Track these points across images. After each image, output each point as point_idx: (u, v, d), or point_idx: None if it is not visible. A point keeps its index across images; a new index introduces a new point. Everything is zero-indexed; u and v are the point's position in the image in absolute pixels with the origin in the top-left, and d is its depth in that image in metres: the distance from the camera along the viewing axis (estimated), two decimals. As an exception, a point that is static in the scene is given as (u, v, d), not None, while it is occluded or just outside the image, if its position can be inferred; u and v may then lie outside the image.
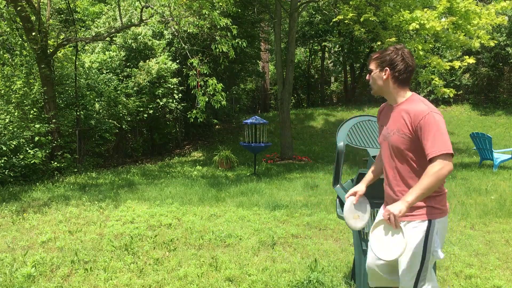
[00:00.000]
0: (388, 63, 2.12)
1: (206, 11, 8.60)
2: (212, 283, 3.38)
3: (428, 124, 1.97)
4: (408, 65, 2.11)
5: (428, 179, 1.91)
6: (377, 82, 2.16)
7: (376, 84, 2.17)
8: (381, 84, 2.15)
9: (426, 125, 1.97)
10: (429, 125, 1.96)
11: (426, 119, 1.98)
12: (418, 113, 2.01)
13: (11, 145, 8.20)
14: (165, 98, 14.08)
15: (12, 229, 4.86)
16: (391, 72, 2.11)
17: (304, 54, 28.65)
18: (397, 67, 2.10)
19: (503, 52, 17.97)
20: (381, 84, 2.15)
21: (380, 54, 2.15)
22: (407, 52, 2.12)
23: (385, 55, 2.13)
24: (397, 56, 2.10)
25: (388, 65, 2.11)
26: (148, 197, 6.58)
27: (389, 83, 2.13)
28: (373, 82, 2.18)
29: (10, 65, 10.76)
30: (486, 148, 9.14)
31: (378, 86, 2.17)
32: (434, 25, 9.02)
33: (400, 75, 2.10)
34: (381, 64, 2.13)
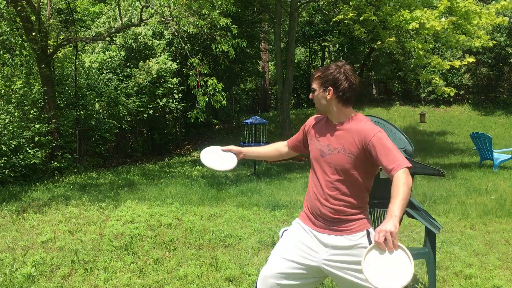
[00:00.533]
0: (331, 82, 2.04)
1: (206, 11, 8.60)
2: (212, 283, 3.38)
3: (380, 142, 1.96)
4: (352, 83, 2.04)
5: (403, 188, 1.86)
6: (321, 102, 2.09)
7: (320, 104, 2.10)
8: (325, 104, 2.08)
9: (379, 143, 1.95)
10: (382, 142, 1.96)
11: (377, 137, 1.96)
12: (367, 133, 1.98)
13: (11, 145, 8.19)
14: (165, 98, 14.08)
15: (12, 229, 4.86)
16: (335, 92, 2.04)
17: (304, 54, 28.64)
18: (340, 86, 2.03)
19: (503, 52, 17.97)
20: (325, 104, 2.08)
21: (322, 73, 2.07)
22: (349, 69, 2.05)
23: (327, 74, 2.05)
24: (340, 75, 2.03)
25: (331, 84, 2.04)
26: (148, 197, 6.58)
27: (332, 102, 2.07)
28: (317, 102, 2.12)
29: (10, 65, 10.76)
30: (486, 148, 9.14)
31: (322, 106, 2.10)
32: (434, 25, 9.02)
33: (344, 94, 2.04)
34: (324, 84, 2.06)
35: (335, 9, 13.27)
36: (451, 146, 13.93)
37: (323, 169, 2.10)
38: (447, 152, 12.57)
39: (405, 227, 4.83)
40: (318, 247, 2.05)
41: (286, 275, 2.06)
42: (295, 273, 2.06)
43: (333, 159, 2.06)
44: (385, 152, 1.94)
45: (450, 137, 15.70)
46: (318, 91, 2.09)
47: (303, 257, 2.06)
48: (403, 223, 4.81)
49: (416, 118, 18.68)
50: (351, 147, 2.02)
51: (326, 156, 2.09)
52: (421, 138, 15.54)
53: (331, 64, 2.11)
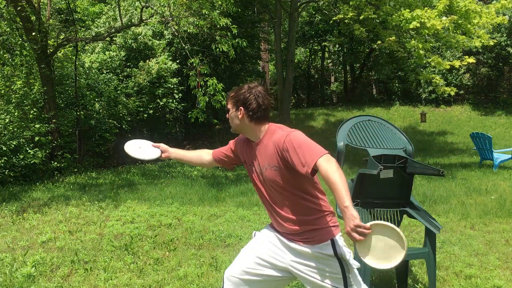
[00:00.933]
0: (242, 102, 2.10)
1: (206, 11, 8.60)
2: (212, 283, 3.38)
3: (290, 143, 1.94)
4: (260, 104, 2.09)
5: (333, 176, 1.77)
6: (234, 121, 2.15)
7: (234, 123, 2.16)
8: (237, 123, 2.14)
9: (289, 145, 1.94)
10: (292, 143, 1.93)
11: (287, 140, 1.95)
12: (279, 140, 1.99)
13: (11, 145, 8.19)
14: (165, 98, 14.08)
15: (12, 229, 4.86)
16: (245, 112, 2.10)
17: (304, 54, 28.64)
18: (250, 106, 2.08)
19: (503, 52, 17.98)
20: (238, 123, 2.14)
21: (235, 93, 2.14)
22: (260, 91, 2.10)
23: (239, 94, 2.12)
24: (250, 95, 2.09)
25: (241, 104, 2.10)
26: (148, 197, 6.58)
27: (245, 121, 2.12)
28: (231, 120, 2.17)
29: (10, 65, 10.75)
30: (486, 148, 9.14)
31: (235, 124, 2.16)
32: (435, 23, 9.01)
33: (254, 114, 2.09)
34: (236, 104, 2.12)
35: (335, 9, 13.27)
36: (451, 146, 13.93)
37: (264, 192, 2.13)
38: (447, 152, 12.56)
39: (405, 227, 4.84)
40: (286, 249, 2.09)
41: (252, 271, 2.10)
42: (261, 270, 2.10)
43: (266, 176, 2.07)
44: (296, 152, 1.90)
45: (450, 137, 15.69)
46: (231, 110, 2.15)
47: (272, 257, 2.10)
48: (403, 223, 4.81)
49: (416, 118, 18.68)
50: (273, 160, 2.02)
51: (260, 176, 2.11)
52: (421, 138, 15.53)
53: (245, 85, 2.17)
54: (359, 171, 3.06)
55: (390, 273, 3.54)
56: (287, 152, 1.93)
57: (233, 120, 2.15)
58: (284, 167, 1.99)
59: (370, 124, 3.33)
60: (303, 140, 1.94)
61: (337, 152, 3.14)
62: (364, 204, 3.05)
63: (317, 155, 1.84)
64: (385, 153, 3.09)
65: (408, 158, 3.07)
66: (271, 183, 2.07)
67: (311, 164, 1.83)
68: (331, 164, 1.81)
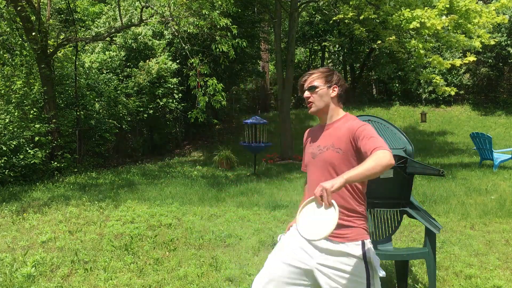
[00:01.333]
0: (336, 81, 2.16)
1: (206, 11, 8.60)
2: (212, 283, 3.38)
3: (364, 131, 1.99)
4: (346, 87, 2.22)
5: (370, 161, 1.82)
6: (323, 99, 2.15)
7: (322, 101, 2.15)
8: (327, 101, 2.15)
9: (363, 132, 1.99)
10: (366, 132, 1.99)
11: (362, 128, 2.01)
12: (354, 126, 2.04)
13: (11, 145, 8.19)
14: (165, 98, 14.08)
15: (12, 229, 4.86)
16: (338, 90, 2.16)
17: (304, 54, 28.64)
18: (342, 86, 2.17)
19: (503, 52, 17.97)
20: (327, 101, 2.15)
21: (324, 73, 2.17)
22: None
23: (330, 73, 2.18)
24: (339, 76, 2.19)
25: (336, 83, 2.16)
26: (148, 197, 6.58)
27: (334, 100, 2.17)
28: (317, 99, 2.16)
29: (10, 65, 10.76)
30: (486, 148, 9.14)
31: (323, 102, 2.15)
32: (435, 23, 9.00)
33: (343, 93, 2.18)
34: (329, 81, 2.15)
35: (335, 9, 13.26)
36: (451, 146, 13.92)
37: (315, 173, 2.14)
38: (447, 152, 12.56)
39: (405, 227, 4.84)
40: (313, 251, 2.04)
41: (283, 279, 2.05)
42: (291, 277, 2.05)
43: (323, 157, 2.09)
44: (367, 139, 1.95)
45: (450, 137, 15.69)
46: (322, 87, 2.15)
47: (299, 260, 2.05)
48: (403, 223, 4.81)
49: (416, 118, 18.68)
50: (340, 142, 2.05)
51: (316, 157, 2.13)
52: (421, 138, 15.53)
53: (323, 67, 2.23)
54: (359, 171, 3.05)
55: (390, 273, 3.54)
56: (359, 137, 1.99)
57: (322, 97, 2.15)
58: (350, 152, 2.03)
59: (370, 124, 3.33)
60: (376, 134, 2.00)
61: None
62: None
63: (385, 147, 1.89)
64: (385, 153, 3.09)
65: (408, 158, 3.07)
66: (326, 165, 2.08)
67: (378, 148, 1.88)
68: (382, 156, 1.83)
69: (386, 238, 3.26)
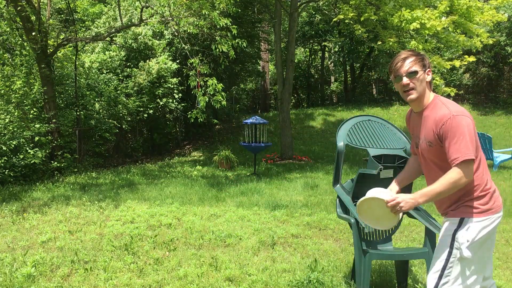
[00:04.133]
0: (428, 64, 2.10)
1: (206, 11, 8.60)
2: (212, 283, 3.38)
3: (449, 129, 1.94)
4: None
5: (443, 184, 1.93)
6: (422, 84, 2.08)
7: (422, 86, 2.08)
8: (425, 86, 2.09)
9: (447, 130, 1.95)
10: (451, 130, 1.94)
11: (448, 124, 1.95)
12: (440, 119, 1.98)
13: (11, 145, 8.19)
14: (165, 98, 14.08)
15: (12, 229, 4.86)
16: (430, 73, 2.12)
17: (304, 54, 28.64)
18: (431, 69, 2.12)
19: (503, 52, 17.97)
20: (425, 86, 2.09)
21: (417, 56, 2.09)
22: None
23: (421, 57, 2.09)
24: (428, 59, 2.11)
25: (428, 67, 2.10)
26: (148, 197, 6.58)
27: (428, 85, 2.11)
28: (419, 84, 2.07)
29: (10, 65, 10.75)
30: (486, 148, 9.14)
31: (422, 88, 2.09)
32: (435, 24, 9.01)
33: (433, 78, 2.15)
34: (424, 66, 2.09)
35: (335, 9, 13.26)
36: (451, 146, 13.90)
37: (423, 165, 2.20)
38: (447, 152, 12.54)
39: (405, 227, 4.84)
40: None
41: None
42: None
43: (422, 149, 2.13)
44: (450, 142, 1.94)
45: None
46: (420, 72, 2.07)
47: None
48: (403, 223, 4.81)
49: (416, 118, 18.68)
50: (429, 136, 2.05)
51: (419, 147, 2.17)
52: (421, 138, 15.53)
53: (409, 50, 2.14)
54: (359, 171, 3.06)
55: (390, 273, 3.54)
56: (443, 135, 1.97)
57: (422, 83, 2.08)
58: (437, 145, 2.02)
59: (370, 124, 3.33)
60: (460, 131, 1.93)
61: (337, 152, 3.14)
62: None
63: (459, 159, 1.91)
64: (385, 153, 3.09)
65: (408, 158, 3.07)
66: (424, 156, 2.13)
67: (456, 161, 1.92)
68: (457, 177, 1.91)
69: (386, 238, 3.26)
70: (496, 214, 2.02)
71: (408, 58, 2.08)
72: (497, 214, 2.03)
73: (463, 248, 1.98)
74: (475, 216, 2.00)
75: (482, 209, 2.01)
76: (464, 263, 1.99)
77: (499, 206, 2.04)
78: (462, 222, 2.01)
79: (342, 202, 3.14)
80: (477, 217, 2.00)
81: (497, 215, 2.03)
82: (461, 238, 1.99)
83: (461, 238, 1.99)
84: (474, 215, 2.00)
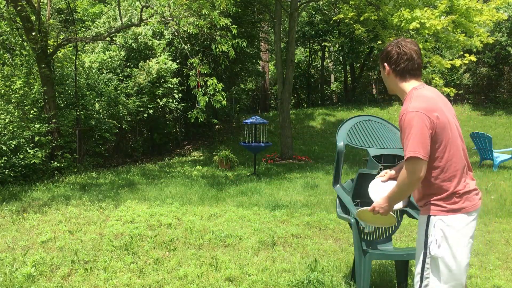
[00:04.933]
0: (385, 58, 2.04)
1: (205, 11, 8.60)
2: (212, 283, 3.38)
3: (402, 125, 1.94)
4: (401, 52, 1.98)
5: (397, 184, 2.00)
6: (388, 80, 2.08)
7: (388, 81, 2.09)
8: (386, 82, 2.08)
9: (401, 125, 1.95)
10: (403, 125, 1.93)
11: (402, 120, 1.94)
12: (400, 114, 1.98)
13: (11, 145, 8.19)
14: (165, 98, 14.09)
15: (12, 229, 4.86)
16: (388, 66, 2.03)
17: (304, 54, 28.64)
18: (392, 59, 2.01)
19: (503, 52, 17.97)
20: (387, 83, 2.08)
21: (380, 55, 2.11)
22: (405, 41, 2.01)
23: (383, 50, 2.06)
24: (392, 48, 2.01)
25: (385, 60, 2.04)
26: (148, 197, 6.58)
27: (392, 79, 2.05)
28: (385, 80, 2.11)
29: (10, 65, 10.75)
30: (486, 148, 9.14)
31: (387, 85, 2.11)
32: (434, 23, 9.01)
33: (396, 66, 2.00)
34: (382, 61, 2.07)
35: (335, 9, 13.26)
36: (451, 146, 13.89)
37: None
38: (447, 152, 12.53)
39: (405, 227, 4.84)
40: None
41: None
42: None
43: None
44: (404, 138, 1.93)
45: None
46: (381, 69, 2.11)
47: None
48: (403, 223, 4.81)
49: (416, 118, 18.68)
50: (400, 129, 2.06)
51: None
52: (421, 138, 15.52)
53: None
54: (359, 171, 3.06)
55: (390, 273, 3.54)
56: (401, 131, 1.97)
57: (387, 79, 2.08)
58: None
59: (370, 124, 3.33)
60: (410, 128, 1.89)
61: (337, 152, 3.14)
62: (364, 204, 3.05)
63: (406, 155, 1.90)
64: (385, 153, 3.09)
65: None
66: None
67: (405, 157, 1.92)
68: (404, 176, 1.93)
69: (386, 238, 3.26)
70: (466, 214, 1.96)
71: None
72: (467, 215, 1.96)
73: (432, 246, 1.96)
74: (441, 214, 1.96)
75: (449, 208, 1.96)
76: (439, 263, 1.95)
77: (472, 207, 1.98)
78: (429, 220, 1.99)
79: (342, 202, 3.14)
80: (443, 215, 1.96)
81: (469, 216, 1.97)
82: (430, 237, 1.97)
83: (430, 236, 1.97)
84: (440, 212, 1.96)
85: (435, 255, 1.94)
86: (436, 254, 1.94)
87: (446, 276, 1.93)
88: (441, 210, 1.97)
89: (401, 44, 2.01)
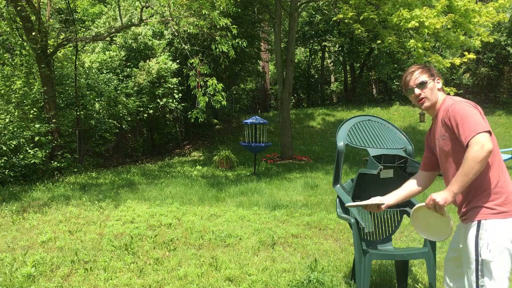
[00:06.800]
0: (435, 74, 2.23)
1: (206, 11, 8.60)
2: (212, 283, 3.38)
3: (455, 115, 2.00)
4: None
5: (466, 163, 1.89)
6: (433, 92, 2.19)
7: (433, 94, 2.19)
8: (436, 93, 2.20)
9: (453, 116, 2.00)
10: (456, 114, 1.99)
11: (451, 110, 2.02)
12: (445, 108, 2.07)
13: (11, 145, 8.19)
14: (165, 98, 14.09)
15: (12, 229, 4.86)
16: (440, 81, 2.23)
17: (304, 54, 28.65)
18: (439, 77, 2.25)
19: (503, 52, 17.98)
20: (436, 94, 2.20)
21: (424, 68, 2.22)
22: None
23: (428, 68, 2.23)
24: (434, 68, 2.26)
25: (437, 74, 2.23)
26: (148, 197, 6.58)
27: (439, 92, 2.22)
28: (430, 93, 2.19)
29: (10, 65, 10.76)
30: (486, 148, 9.12)
31: (434, 96, 2.20)
32: (433, 22, 9.02)
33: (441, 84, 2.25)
34: (432, 75, 2.21)
35: (335, 9, 13.26)
36: (451, 146, 13.91)
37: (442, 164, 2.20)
38: (447, 152, 12.55)
39: (405, 227, 4.83)
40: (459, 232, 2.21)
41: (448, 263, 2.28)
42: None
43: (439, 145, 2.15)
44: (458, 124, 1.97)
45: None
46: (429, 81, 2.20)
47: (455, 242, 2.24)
48: (403, 223, 4.81)
49: (416, 118, 18.68)
50: (443, 129, 2.10)
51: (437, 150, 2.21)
52: (421, 138, 15.54)
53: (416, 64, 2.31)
54: (359, 171, 3.06)
55: (390, 273, 3.54)
56: (451, 121, 2.02)
57: (433, 91, 2.20)
58: (449, 134, 2.06)
59: (370, 124, 3.33)
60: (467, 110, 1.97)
61: (337, 152, 3.14)
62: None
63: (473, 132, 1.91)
64: (385, 153, 3.09)
65: (408, 158, 3.07)
66: (442, 153, 2.15)
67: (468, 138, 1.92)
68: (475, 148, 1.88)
69: (386, 238, 3.26)
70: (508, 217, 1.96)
71: (415, 71, 2.23)
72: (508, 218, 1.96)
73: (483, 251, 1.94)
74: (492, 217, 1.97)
75: (500, 210, 1.97)
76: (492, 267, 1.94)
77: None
78: (480, 225, 1.98)
79: (342, 202, 3.14)
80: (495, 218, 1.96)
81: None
82: (481, 241, 1.96)
83: (481, 241, 1.96)
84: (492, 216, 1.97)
85: (486, 259, 1.94)
86: (487, 258, 1.94)
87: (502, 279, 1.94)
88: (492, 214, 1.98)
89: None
